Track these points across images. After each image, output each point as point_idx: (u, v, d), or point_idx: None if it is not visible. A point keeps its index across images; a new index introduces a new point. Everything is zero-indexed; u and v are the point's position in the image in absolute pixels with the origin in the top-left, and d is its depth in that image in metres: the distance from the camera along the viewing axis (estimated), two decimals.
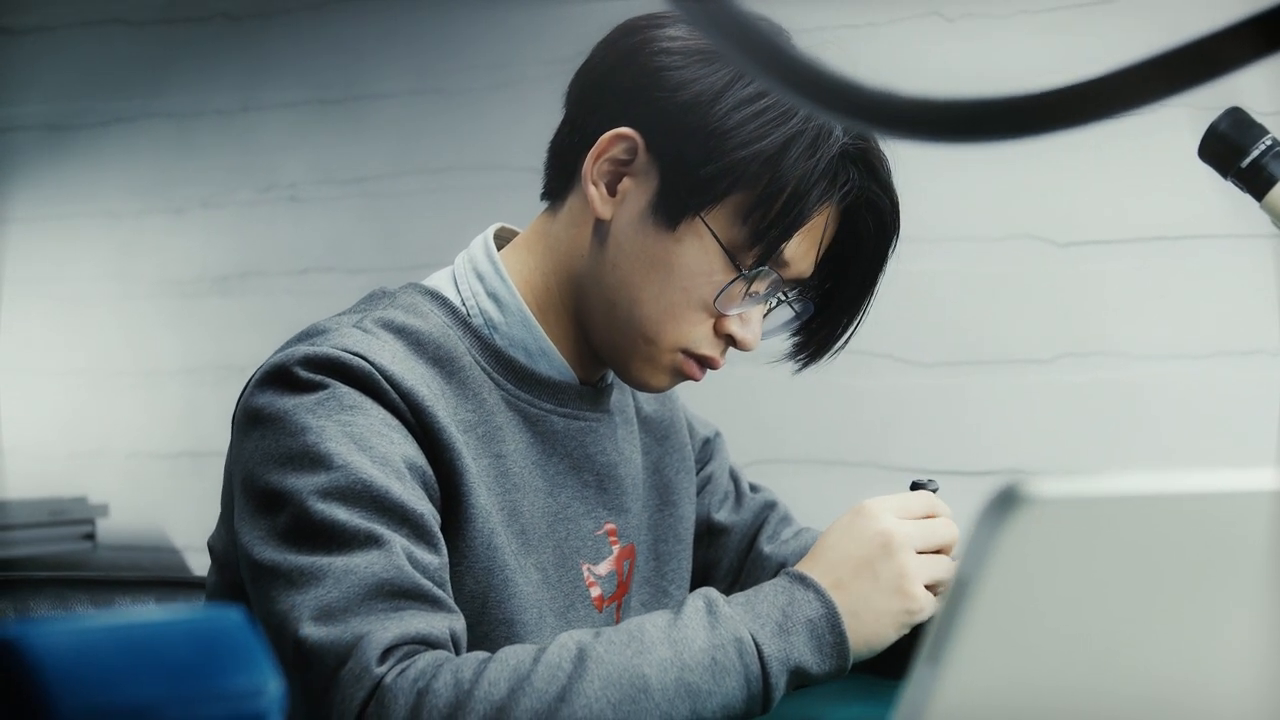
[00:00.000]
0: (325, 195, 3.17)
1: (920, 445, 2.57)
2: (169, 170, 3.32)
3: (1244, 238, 2.38)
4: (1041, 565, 0.55)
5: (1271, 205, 1.22)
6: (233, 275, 3.25)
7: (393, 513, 1.13)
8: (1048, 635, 0.56)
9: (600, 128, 1.27)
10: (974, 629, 0.55)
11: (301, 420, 1.16)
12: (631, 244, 1.27)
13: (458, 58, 3.05)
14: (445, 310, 1.30)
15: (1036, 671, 0.56)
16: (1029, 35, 2.50)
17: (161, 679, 0.49)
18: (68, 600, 1.60)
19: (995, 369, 2.54)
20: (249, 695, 0.51)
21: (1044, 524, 0.54)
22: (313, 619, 1.09)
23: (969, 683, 0.55)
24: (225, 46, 3.26)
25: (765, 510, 1.56)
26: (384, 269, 3.07)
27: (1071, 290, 2.50)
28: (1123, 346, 2.47)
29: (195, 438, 3.25)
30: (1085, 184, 2.45)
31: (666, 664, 1.08)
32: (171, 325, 3.31)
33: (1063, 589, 0.55)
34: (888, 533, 1.17)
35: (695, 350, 1.29)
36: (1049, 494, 0.54)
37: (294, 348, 1.21)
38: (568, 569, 1.31)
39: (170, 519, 3.29)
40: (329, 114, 3.17)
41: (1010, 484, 0.54)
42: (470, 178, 3.04)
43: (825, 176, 1.24)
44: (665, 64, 1.25)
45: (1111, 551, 0.55)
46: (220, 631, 0.52)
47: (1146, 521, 0.55)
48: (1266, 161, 1.22)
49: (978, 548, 0.54)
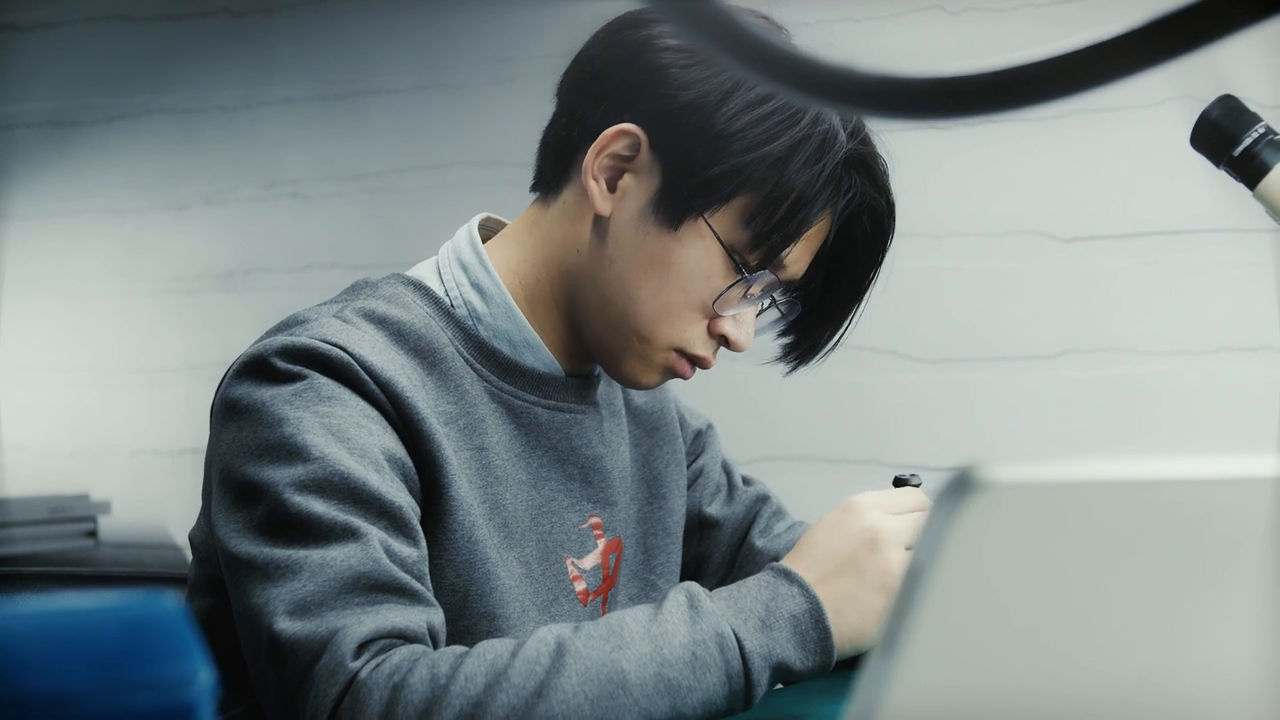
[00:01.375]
0: (328, 191, 3.17)
1: (924, 442, 2.56)
2: (172, 166, 3.31)
3: (1248, 232, 2.36)
4: (999, 553, 0.53)
5: (1264, 194, 1.20)
6: (236, 271, 3.25)
7: (370, 505, 1.12)
8: (1005, 625, 0.54)
9: (601, 122, 1.25)
10: (929, 619, 0.53)
11: (279, 411, 1.15)
12: (630, 241, 1.25)
13: (461, 53, 3.04)
14: (428, 301, 1.28)
15: (994, 662, 0.54)
16: (1032, 27, 2.48)
17: (83, 667, 0.48)
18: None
19: (999, 365, 2.53)
20: (177, 685, 0.49)
21: (1001, 510, 0.52)
22: (287, 613, 1.08)
23: (925, 675, 0.53)
24: (228, 42, 3.25)
25: (758, 504, 1.54)
26: (387, 265, 3.06)
27: (1075, 286, 2.48)
28: (1127, 342, 2.45)
29: (198, 435, 3.22)
30: (1088, 179, 2.43)
31: (646, 659, 1.06)
32: (174, 322, 3.31)
33: (1021, 577, 0.53)
34: (874, 528, 1.15)
35: (689, 350, 1.28)
36: (1006, 479, 0.52)
37: (272, 338, 1.20)
38: (551, 563, 1.29)
39: (172, 516, 3.28)
40: (332, 110, 3.16)
41: (965, 468, 0.52)
42: (473, 173, 3.03)
43: (830, 182, 1.23)
44: (670, 61, 1.23)
45: (1071, 539, 0.53)
46: (149, 619, 0.50)
47: (1107, 508, 0.53)
48: (1259, 149, 1.20)
49: (932, 534, 0.52)
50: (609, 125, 1.24)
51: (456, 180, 3.04)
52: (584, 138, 1.26)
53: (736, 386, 2.27)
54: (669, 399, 1.51)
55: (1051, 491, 0.53)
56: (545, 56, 2.97)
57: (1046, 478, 0.53)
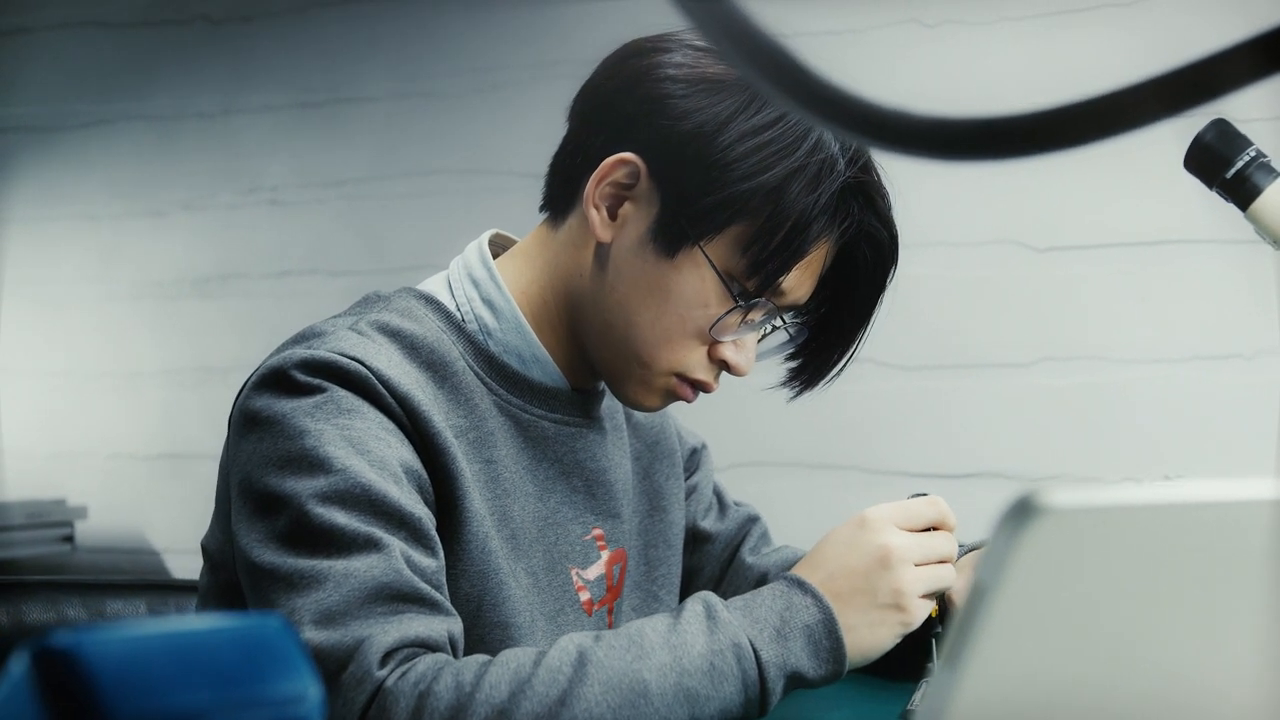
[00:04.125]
0: (307, 198, 3.18)
1: (902, 448, 2.60)
2: (150, 173, 3.32)
3: (1221, 243, 2.41)
4: (1056, 572, 0.57)
5: (1255, 215, 1.24)
6: (213, 278, 3.26)
7: (391, 516, 1.15)
8: (1062, 639, 0.57)
9: (603, 151, 1.27)
10: (991, 634, 0.56)
11: (300, 424, 1.17)
12: (630, 269, 1.27)
13: (441, 62, 3.06)
14: (440, 315, 1.31)
15: (1051, 675, 0.58)
16: (1008, 43, 2.53)
17: (209, 685, 0.50)
18: (59, 604, 1.60)
19: (976, 373, 2.57)
20: (292, 701, 0.52)
21: (1059, 532, 0.56)
22: (313, 622, 1.10)
23: (986, 686, 0.57)
24: (207, 50, 3.26)
25: (748, 523, 1.59)
26: (366, 272, 3.08)
27: (1051, 295, 2.52)
28: (1102, 350, 2.50)
29: (175, 440, 3.25)
30: (1064, 189, 2.48)
31: (666, 669, 1.09)
32: (151, 327, 3.31)
33: (1077, 595, 0.57)
34: (886, 547, 1.17)
35: (689, 374, 1.30)
36: (1064, 504, 0.56)
37: (291, 350, 1.22)
38: (557, 573, 1.32)
39: (149, 521, 3.29)
40: (311, 117, 3.18)
41: (1026, 494, 0.56)
42: (453, 181, 3.05)
43: (826, 211, 1.25)
44: (670, 91, 1.25)
45: (1124, 559, 0.57)
46: (263, 638, 0.53)
47: (1158, 530, 0.57)
48: (1251, 172, 1.24)
49: (996, 556, 0.56)
50: (610, 153, 1.26)
51: (436, 188, 3.06)
52: (587, 165, 1.28)
53: (718, 394, 2.30)
54: (667, 414, 1.53)
55: (1105, 515, 0.57)
56: (526, 65, 3.00)
57: (1102, 502, 0.56)
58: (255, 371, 1.24)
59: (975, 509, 2.58)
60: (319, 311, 1.35)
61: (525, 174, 2.97)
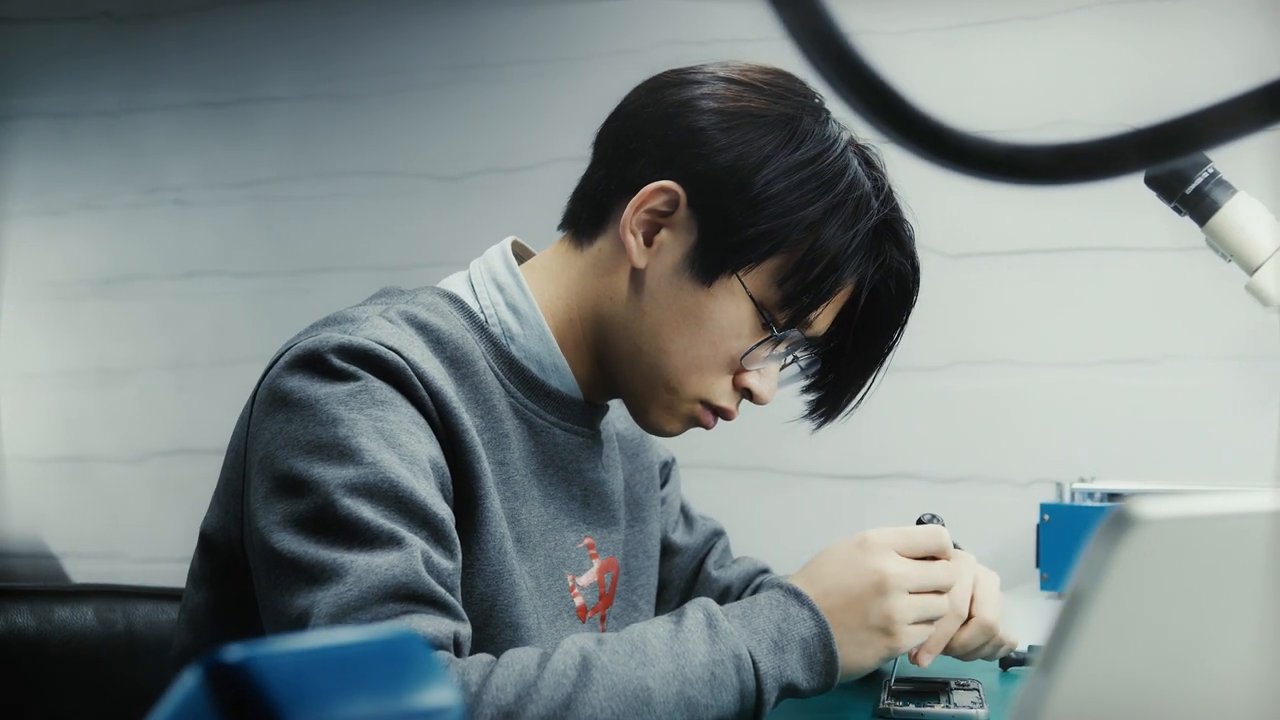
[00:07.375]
0: (213, 199, 3.15)
1: (815, 450, 2.63)
2: (48, 171, 3.27)
3: (1128, 250, 2.48)
4: (1151, 580, 0.60)
5: (1213, 229, 1.29)
6: (115, 278, 3.21)
7: (415, 514, 1.15)
8: (1155, 646, 0.61)
9: (640, 178, 1.28)
10: (1087, 640, 0.59)
11: (333, 411, 1.16)
12: (664, 295, 1.29)
13: (350, 62, 3.05)
14: (464, 314, 1.31)
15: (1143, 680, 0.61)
16: (922, 53, 2.58)
17: (366, 696, 0.52)
18: (6, 611, 1.58)
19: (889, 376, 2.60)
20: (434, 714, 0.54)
21: (1154, 542, 0.59)
22: (330, 616, 1.10)
23: (1081, 690, 0.60)
24: (108, 46, 3.22)
25: (714, 537, 1.62)
26: (274, 273, 3.06)
27: (963, 300, 2.58)
28: (1011, 354, 2.56)
29: (72, 443, 3.20)
30: (976, 197, 2.53)
31: (669, 677, 1.11)
32: (47, 329, 3.26)
33: (1171, 602, 0.60)
34: (883, 572, 1.19)
35: (714, 401, 1.31)
36: (1159, 514, 0.59)
37: (326, 334, 1.21)
38: (555, 578, 1.33)
39: (46, 525, 3.23)
40: (217, 117, 3.15)
41: (1123, 506, 0.59)
42: (362, 183, 3.04)
43: (862, 247, 1.28)
44: (710, 124, 1.27)
45: (1217, 566, 0.60)
46: (407, 651, 0.54)
47: (1249, 537, 0.60)
48: (1209, 189, 1.29)
49: (1093, 565, 0.59)
50: (647, 181, 1.28)
51: (345, 190, 3.05)
52: (622, 191, 1.30)
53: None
54: None
55: (1198, 524, 0.60)
56: (436, 68, 3.00)
57: (1194, 512, 0.60)
58: (286, 350, 1.22)
59: (887, 510, 2.63)
60: (225, 312, 1.33)
61: (435, 176, 2.99)
